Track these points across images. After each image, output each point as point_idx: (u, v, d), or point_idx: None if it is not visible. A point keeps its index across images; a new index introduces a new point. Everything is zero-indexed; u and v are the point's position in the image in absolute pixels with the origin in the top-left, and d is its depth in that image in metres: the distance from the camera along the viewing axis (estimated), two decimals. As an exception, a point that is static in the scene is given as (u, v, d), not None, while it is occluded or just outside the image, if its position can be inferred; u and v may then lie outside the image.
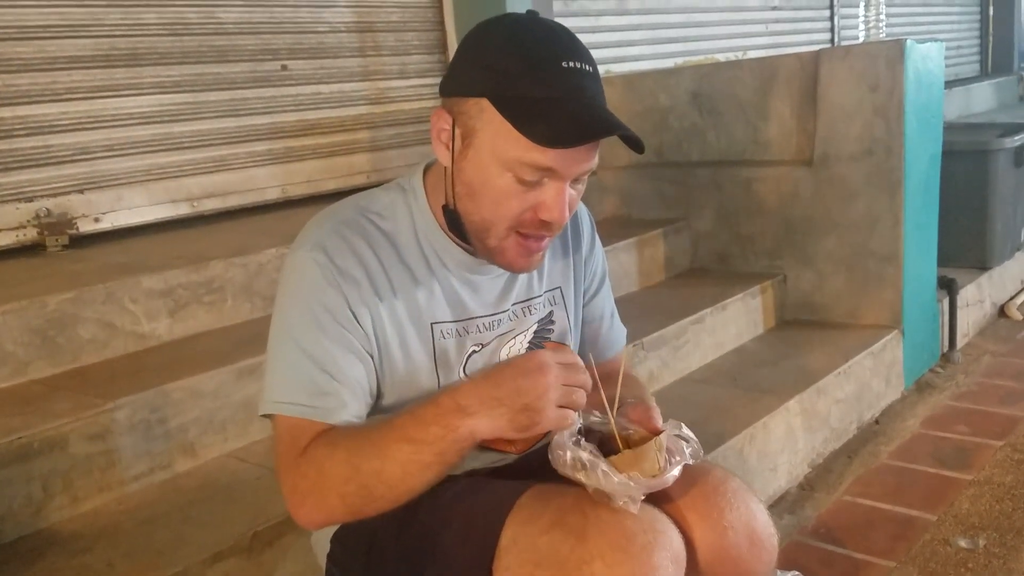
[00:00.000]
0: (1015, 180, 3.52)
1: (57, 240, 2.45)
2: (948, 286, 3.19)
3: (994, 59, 7.82)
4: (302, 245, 1.14)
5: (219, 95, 2.81)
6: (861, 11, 4.59)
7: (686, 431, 1.16)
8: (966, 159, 3.32)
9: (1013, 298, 3.73)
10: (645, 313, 2.70)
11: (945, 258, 3.14)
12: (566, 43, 1.08)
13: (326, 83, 3.10)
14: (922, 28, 6.71)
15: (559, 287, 1.33)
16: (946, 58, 3.08)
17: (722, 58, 4.58)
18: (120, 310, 2.01)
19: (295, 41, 3.00)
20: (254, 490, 1.71)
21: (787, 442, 2.37)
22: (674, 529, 1.07)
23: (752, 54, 4.46)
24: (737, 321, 2.88)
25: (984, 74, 7.65)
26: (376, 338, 1.14)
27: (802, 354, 2.74)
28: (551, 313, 1.31)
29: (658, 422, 1.14)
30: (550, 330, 1.31)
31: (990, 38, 7.81)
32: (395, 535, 1.15)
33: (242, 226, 2.74)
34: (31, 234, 2.42)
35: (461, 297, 1.21)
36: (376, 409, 1.17)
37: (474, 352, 1.22)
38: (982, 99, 6.39)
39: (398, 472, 1.03)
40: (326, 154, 3.11)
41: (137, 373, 1.88)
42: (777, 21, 5.33)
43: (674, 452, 1.11)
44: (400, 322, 1.16)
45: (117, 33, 2.57)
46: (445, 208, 1.16)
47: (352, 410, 1.11)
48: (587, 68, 1.07)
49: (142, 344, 2.05)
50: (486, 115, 1.06)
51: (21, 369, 1.87)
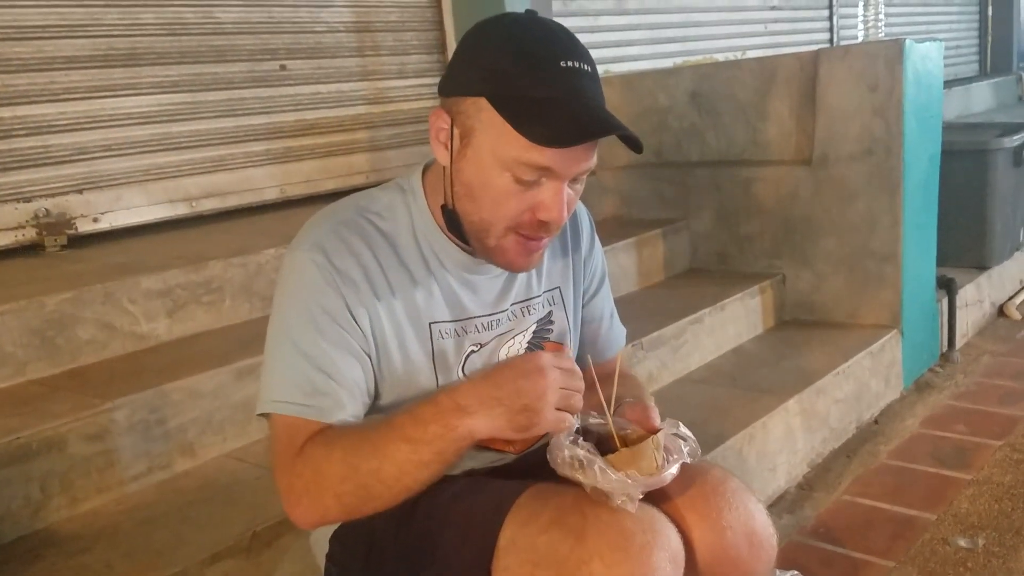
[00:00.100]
0: (1014, 180, 3.52)
1: (56, 240, 2.45)
2: (947, 286, 3.19)
3: (993, 59, 7.82)
4: (300, 245, 1.14)
5: (217, 95, 2.81)
6: (860, 11, 4.59)
7: (684, 430, 1.16)
8: (965, 159, 3.32)
9: (1012, 298, 3.73)
10: (644, 313, 2.70)
11: (944, 258, 3.14)
12: (565, 43, 1.07)
13: (324, 83, 3.09)
14: (921, 28, 6.70)
15: (558, 287, 1.33)
16: (945, 58, 3.07)
17: (721, 58, 4.58)
18: (119, 310, 2.01)
19: (293, 41, 3.00)
20: (253, 490, 1.71)
21: (786, 442, 2.37)
22: (673, 529, 1.07)
23: (751, 54, 4.45)
24: (736, 321, 2.88)
25: (983, 74, 7.66)
26: (374, 338, 1.14)
27: (801, 354, 2.74)
28: (550, 313, 1.31)
29: (656, 421, 1.14)
30: (549, 330, 1.31)
31: (989, 38, 7.81)
32: (394, 535, 1.15)
33: (241, 226, 2.74)
34: (30, 234, 2.42)
35: (459, 297, 1.21)
36: (374, 409, 1.17)
37: (472, 352, 1.22)
38: (981, 99, 6.39)
39: (396, 471, 1.03)
40: (325, 154, 3.11)
41: (136, 373, 1.88)
42: (776, 21, 5.33)
43: (672, 451, 1.11)
44: (398, 322, 1.16)
45: (115, 33, 2.57)
46: (444, 208, 1.16)
47: (349, 410, 1.11)
48: (586, 68, 1.07)
49: (141, 344, 2.05)
50: (484, 115, 1.06)
51: (20, 369, 1.86)
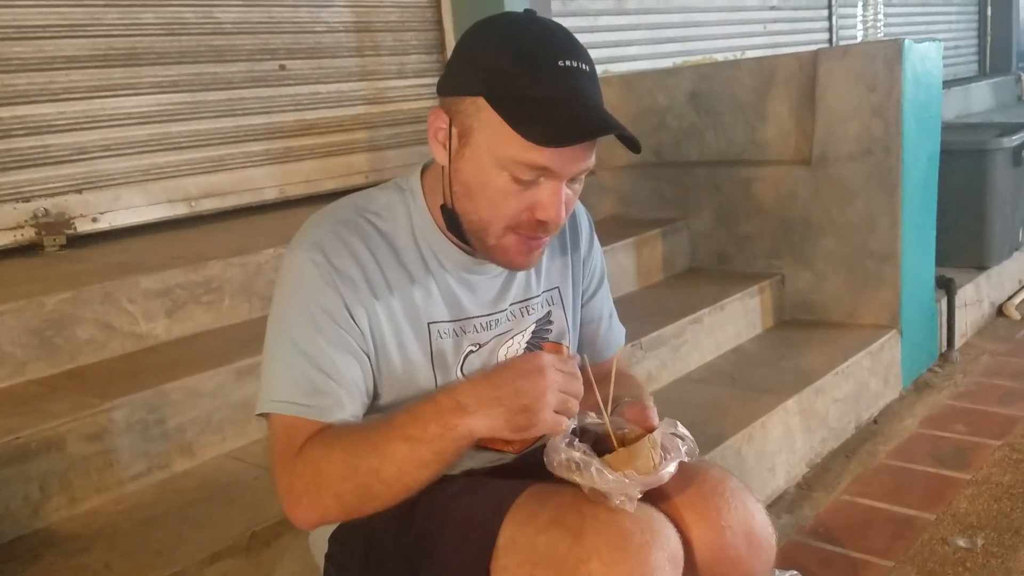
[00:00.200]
0: (1013, 180, 3.52)
1: (55, 240, 2.45)
2: (946, 286, 3.19)
3: (992, 59, 7.82)
4: (299, 245, 1.14)
5: (217, 95, 2.80)
6: (859, 11, 4.59)
7: (681, 429, 1.16)
8: (964, 159, 3.32)
9: (1011, 298, 3.73)
10: (644, 313, 2.70)
11: (943, 258, 3.14)
12: (563, 42, 1.07)
13: (324, 83, 3.09)
14: (920, 28, 6.70)
15: (557, 287, 1.33)
16: (944, 58, 3.07)
17: (720, 58, 4.58)
18: (118, 310, 2.01)
19: (293, 41, 2.99)
20: (252, 490, 1.71)
21: (785, 442, 2.37)
22: (671, 528, 1.07)
23: (750, 54, 4.45)
24: (735, 321, 2.88)
25: (982, 74, 7.66)
26: (373, 338, 1.14)
27: (800, 354, 2.74)
28: (549, 313, 1.31)
29: (653, 420, 1.14)
30: (548, 330, 1.31)
31: (988, 38, 7.81)
32: (393, 535, 1.15)
33: (240, 226, 2.74)
34: (29, 234, 2.42)
35: (458, 297, 1.21)
36: (373, 409, 1.17)
37: (471, 352, 1.22)
38: (980, 99, 6.39)
39: (395, 470, 1.03)
40: (324, 154, 3.11)
41: (135, 373, 1.88)
42: (775, 21, 5.33)
43: (669, 449, 1.11)
44: (397, 322, 1.16)
45: (115, 33, 2.56)
46: (443, 208, 1.16)
47: (349, 410, 1.11)
48: (584, 67, 1.07)
49: (140, 344, 2.05)
50: (483, 114, 1.06)
51: (19, 369, 1.86)
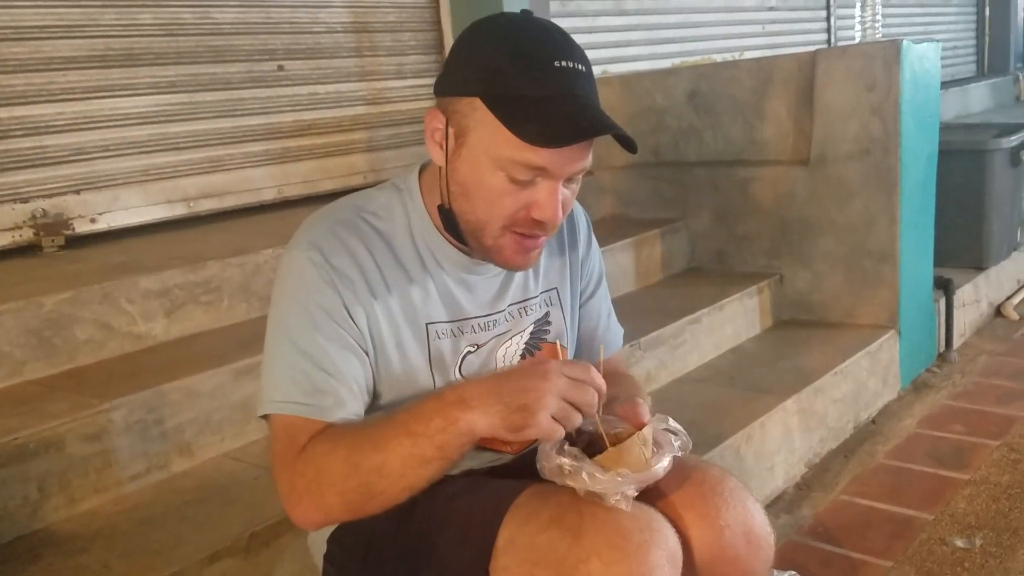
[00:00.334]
0: (1012, 180, 3.53)
1: (53, 241, 2.45)
2: (945, 286, 3.19)
3: (990, 59, 7.83)
4: (298, 245, 1.14)
5: (215, 95, 2.80)
6: (857, 11, 4.59)
7: (673, 424, 1.16)
8: (963, 159, 3.32)
9: (1010, 298, 3.73)
10: (642, 313, 2.70)
11: (942, 258, 3.14)
12: (559, 42, 1.07)
13: (323, 83, 3.09)
14: (919, 28, 6.71)
15: (555, 287, 1.33)
16: (943, 58, 3.08)
17: (719, 58, 4.58)
18: (117, 311, 2.01)
19: (292, 41, 2.99)
20: (251, 490, 1.71)
21: (784, 442, 2.37)
22: (670, 528, 1.07)
23: (749, 54, 4.46)
24: (734, 321, 2.88)
25: (981, 74, 7.66)
26: (372, 337, 1.14)
27: (799, 354, 2.74)
28: (547, 314, 1.31)
29: (644, 416, 1.13)
30: (546, 331, 1.31)
31: (986, 38, 7.82)
32: (392, 535, 1.15)
33: (239, 226, 2.74)
34: (27, 235, 2.42)
35: (456, 297, 1.21)
36: (373, 409, 1.17)
37: (469, 353, 1.22)
38: (979, 99, 6.40)
39: (399, 467, 1.02)
40: (323, 154, 3.11)
41: (134, 374, 1.88)
42: (774, 22, 5.34)
43: (662, 445, 1.11)
44: (396, 322, 1.16)
45: (113, 33, 2.56)
46: (440, 208, 1.16)
47: (350, 408, 1.11)
48: (580, 67, 1.07)
49: (139, 344, 2.05)
50: (479, 114, 1.06)
51: (17, 369, 1.86)
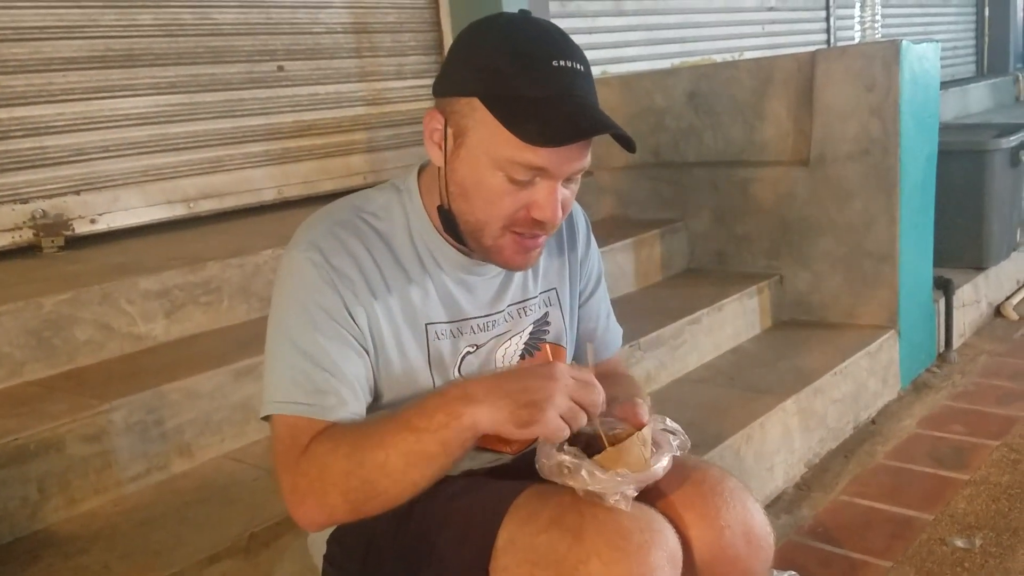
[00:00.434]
0: (1011, 180, 3.53)
1: (53, 241, 2.45)
2: (944, 286, 3.19)
3: (990, 60, 7.83)
4: (297, 245, 1.14)
5: (215, 96, 2.81)
6: (857, 12, 4.59)
7: (671, 423, 1.16)
8: (962, 159, 3.32)
9: (1009, 298, 3.73)
10: (642, 313, 2.70)
11: (941, 258, 3.15)
12: (558, 42, 1.07)
13: (323, 84, 3.09)
14: (918, 29, 6.71)
15: (555, 288, 1.33)
16: (942, 59, 3.08)
17: (719, 59, 4.58)
18: (116, 311, 2.01)
19: (291, 42, 3.00)
20: (251, 491, 1.71)
21: (784, 442, 2.37)
22: (670, 529, 1.07)
23: (748, 55, 4.46)
24: (734, 321, 2.88)
25: (980, 75, 7.67)
26: (372, 337, 1.14)
27: (799, 354, 2.74)
28: (547, 314, 1.31)
29: (643, 416, 1.13)
30: (545, 331, 1.31)
31: (986, 39, 7.82)
32: (392, 535, 1.15)
33: (238, 227, 2.74)
34: (27, 235, 2.42)
35: (455, 298, 1.21)
36: (374, 409, 1.17)
37: (468, 353, 1.22)
38: (978, 100, 6.40)
39: (401, 463, 1.01)
40: (323, 155, 3.11)
41: (133, 374, 1.88)
42: (773, 22, 5.34)
43: (661, 444, 1.11)
44: (396, 322, 1.16)
45: (113, 34, 2.56)
46: (440, 208, 1.16)
47: (351, 407, 1.11)
48: (578, 67, 1.07)
49: (138, 345, 2.05)
50: (477, 114, 1.06)
51: (17, 370, 1.86)
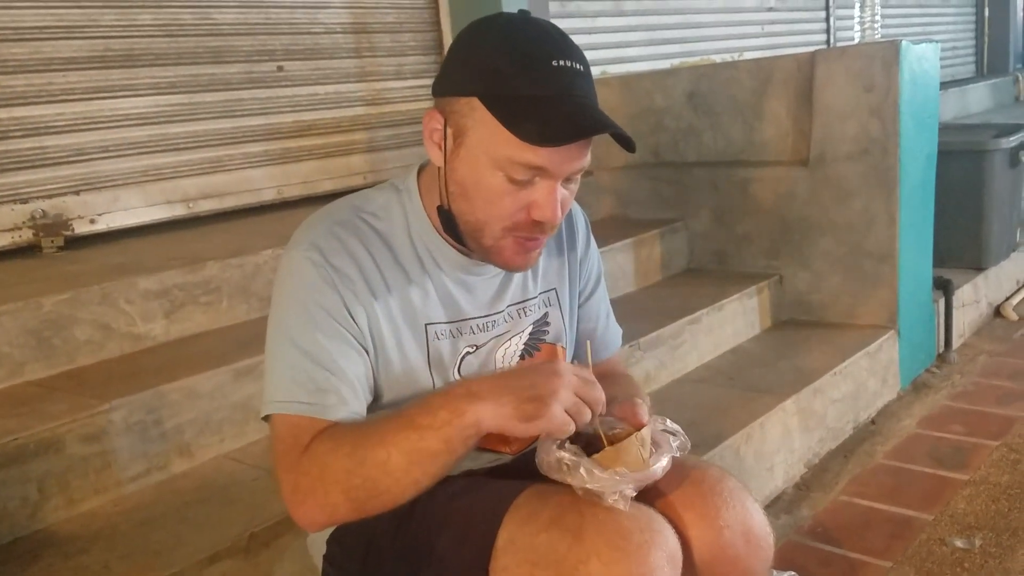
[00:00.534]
0: (1011, 180, 3.53)
1: (52, 241, 2.45)
2: (944, 286, 3.19)
3: (990, 60, 7.83)
4: (297, 245, 1.14)
5: (215, 96, 2.81)
6: (857, 12, 4.59)
7: (671, 424, 1.16)
8: (962, 159, 3.32)
9: (1009, 298, 3.73)
10: (642, 313, 2.71)
11: (941, 258, 3.15)
12: (557, 42, 1.07)
13: (322, 84, 3.10)
14: (918, 29, 6.72)
15: (554, 288, 1.33)
16: (942, 59, 3.08)
17: (718, 59, 4.58)
18: (116, 311, 2.01)
19: (291, 42, 3.00)
20: (251, 491, 1.71)
21: (783, 442, 2.37)
22: (670, 529, 1.07)
23: (748, 55, 4.45)
24: (734, 321, 2.88)
25: (980, 75, 7.67)
26: (372, 337, 1.14)
27: (799, 354, 2.75)
28: (546, 315, 1.31)
29: (642, 416, 1.13)
30: (545, 331, 1.31)
31: (986, 39, 7.83)
32: (392, 535, 1.15)
33: (238, 227, 2.74)
34: (27, 235, 2.42)
35: (455, 298, 1.21)
36: (374, 409, 1.17)
37: (468, 353, 1.22)
38: (978, 100, 6.40)
39: (404, 461, 1.01)
40: (322, 155, 3.11)
41: (133, 374, 1.88)
42: (773, 22, 5.34)
43: (660, 445, 1.11)
44: (395, 322, 1.16)
45: (113, 34, 2.56)
46: (439, 209, 1.16)
47: (352, 406, 1.11)
48: (578, 67, 1.07)
49: (138, 345, 2.05)
50: (477, 114, 1.06)
51: (16, 370, 1.86)
